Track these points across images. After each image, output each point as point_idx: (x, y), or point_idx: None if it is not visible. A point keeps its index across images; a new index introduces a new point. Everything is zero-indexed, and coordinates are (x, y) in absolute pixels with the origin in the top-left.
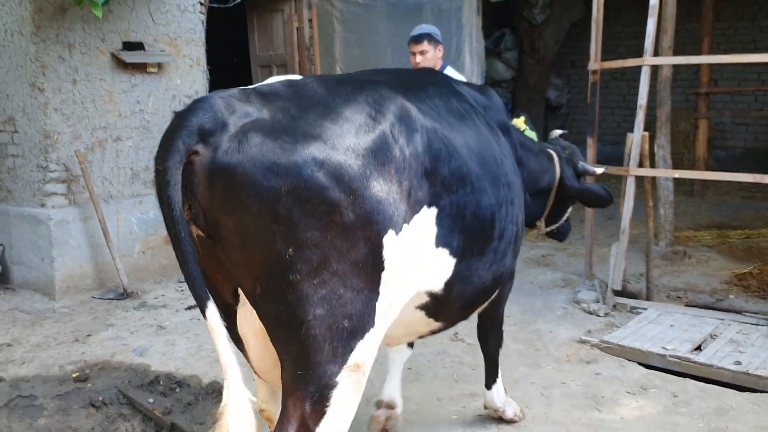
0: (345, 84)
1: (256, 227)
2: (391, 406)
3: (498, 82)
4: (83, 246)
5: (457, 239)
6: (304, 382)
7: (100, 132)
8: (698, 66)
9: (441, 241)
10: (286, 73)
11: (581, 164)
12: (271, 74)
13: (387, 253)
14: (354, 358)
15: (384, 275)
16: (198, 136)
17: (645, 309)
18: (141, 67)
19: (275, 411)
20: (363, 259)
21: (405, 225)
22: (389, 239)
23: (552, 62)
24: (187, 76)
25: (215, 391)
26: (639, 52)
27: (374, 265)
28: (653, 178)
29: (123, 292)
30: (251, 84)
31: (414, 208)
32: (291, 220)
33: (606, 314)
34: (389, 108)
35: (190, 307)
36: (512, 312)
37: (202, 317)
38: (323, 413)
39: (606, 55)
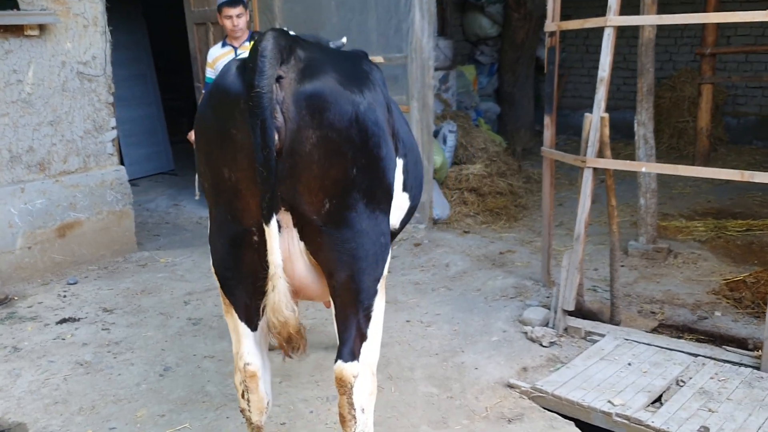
0: (332, 49)
1: (335, 144)
2: None
3: (483, 39)
4: None
5: (409, 186)
6: (358, 293)
7: None
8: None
9: (405, 186)
10: (222, 31)
11: None
12: (207, 32)
13: (395, 186)
14: (385, 270)
15: (392, 204)
16: (279, 62)
17: (602, 335)
18: (16, 30)
19: (260, 366)
20: (388, 187)
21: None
22: (395, 174)
23: (541, 17)
24: (80, 38)
25: None
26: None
27: (390, 194)
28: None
29: None
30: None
31: (396, 155)
32: (355, 143)
33: (551, 343)
34: (379, 74)
35: (62, 321)
36: (441, 334)
37: (68, 336)
38: (369, 317)
39: (588, 10)
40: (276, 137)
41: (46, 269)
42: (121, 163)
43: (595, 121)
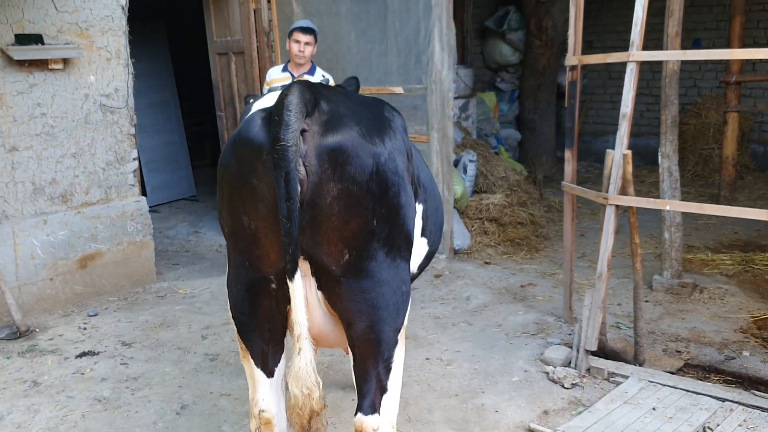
0: (355, 96)
1: (356, 196)
2: None
3: (503, 66)
4: None
5: (428, 231)
6: (378, 344)
7: None
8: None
9: (424, 231)
10: (243, 61)
11: None
12: (229, 62)
13: (414, 232)
14: (405, 319)
15: (412, 251)
16: (304, 115)
17: (626, 377)
18: (41, 64)
19: (276, 413)
20: (408, 234)
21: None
22: (415, 221)
23: (563, 44)
24: (103, 71)
25: None
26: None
27: (410, 242)
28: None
29: (16, 329)
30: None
31: (416, 200)
32: (375, 195)
33: (573, 385)
34: (400, 120)
35: (82, 354)
36: (460, 373)
37: (88, 371)
38: (390, 369)
39: (607, 35)
40: (298, 189)
41: (68, 300)
42: (143, 190)
43: (618, 158)
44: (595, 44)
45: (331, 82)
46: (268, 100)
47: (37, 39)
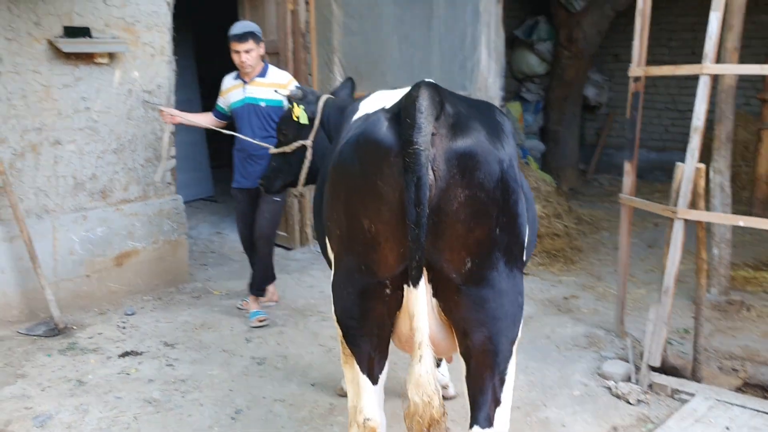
0: (465, 98)
1: (483, 203)
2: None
3: (530, 77)
4: (8, 270)
5: (528, 241)
6: (495, 355)
7: (34, 134)
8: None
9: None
10: (278, 62)
11: None
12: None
13: None
14: (519, 331)
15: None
16: (434, 117)
17: (691, 395)
18: (87, 58)
19: (381, 422)
20: (522, 244)
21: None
22: None
23: (592, 56)
24: (147, 67)
25: None
26: (695, 47)
27: (524, 251)
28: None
29: (55, 326)
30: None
31: None
32: (499, 202)
33: (638, 401)
34: (509, 124)
35: (125, 354)
36: (517, 385)
37: (133, 371)
38: (504, 381)
39: (653, 49)
40: (428, 194)
41: (103, 298)
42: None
43: (688, 171)
44: (623, 57)
45: (294, 83)
46: (383, 100)
47: (85, 32)
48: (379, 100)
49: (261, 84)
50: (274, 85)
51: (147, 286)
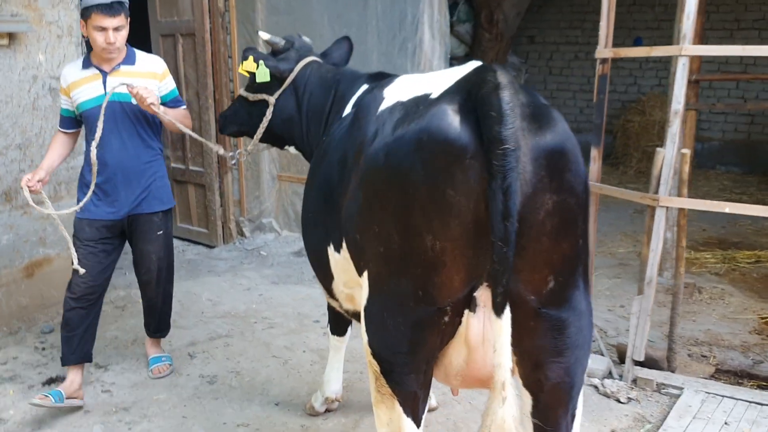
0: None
1: (572, 211)
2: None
3: (449, 59)
4: None
5: None
6: (570, 388)
7: None
8: None
9: None
10: (193, 44)
11: None
12: (175, 45)
13: None
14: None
15: None
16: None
17: (678, 388)
18: None
19: None
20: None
21: None
22: None
23: (512, 38)
24: (54, 49)
25: None
26: (643, 29)
27: None
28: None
29: None
30: None
31: None
32: (584, 208)
33: (629, 399)
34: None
35: (49, 381)
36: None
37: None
38: (574, 416)
39: (566, 32)
40: (518, 204)
41: (12, 315)
42: None
43: (669, 156)
44: (537, 39)
45: (162, 71)
46: (420, 86)
47: None
48: (414, 87)
49: (130, 74)
50: (149, 76)
51: (62, 298)
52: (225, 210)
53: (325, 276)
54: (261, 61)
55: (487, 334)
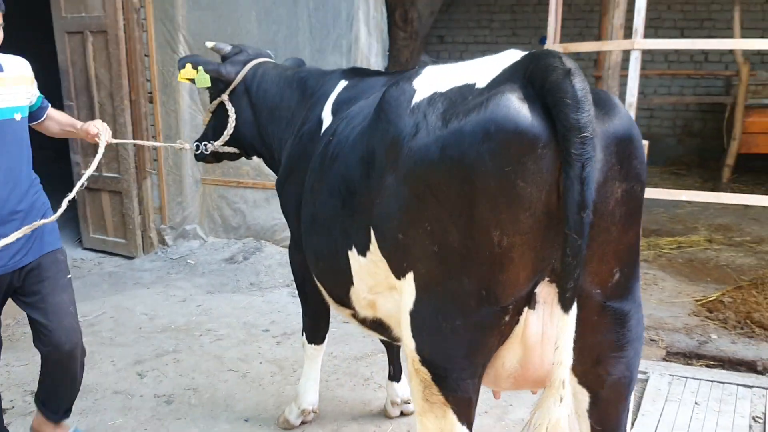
0: None
1: (638, 199)
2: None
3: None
4: None
5: None
6: (629, 383)
7: None
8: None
9: None
10: (105, 42)
11: None
12: (84, 43)
13: None
14: None
15: None
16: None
17: (643, 372)
18: None
19: None
20: None
21: None
22: None
23: (425, 36)
24: None
25: None
26: (515, 28)
27: None
28: None
29: None
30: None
31: None
32: (643, 194)
33: None
34: None
35: None
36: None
37: None
38: (628, 411)
39: (475, 31)
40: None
41: None
42: None
43: None
44: (447, 39)
45: (31, 74)
46: (461, 76)
47: None
48: (451, 77)
49: (2, 82)
50: (20, 81)
51: None
52: (144, 218)
53: (337, 283)
54: (200, 67)
55: (546, 331)
